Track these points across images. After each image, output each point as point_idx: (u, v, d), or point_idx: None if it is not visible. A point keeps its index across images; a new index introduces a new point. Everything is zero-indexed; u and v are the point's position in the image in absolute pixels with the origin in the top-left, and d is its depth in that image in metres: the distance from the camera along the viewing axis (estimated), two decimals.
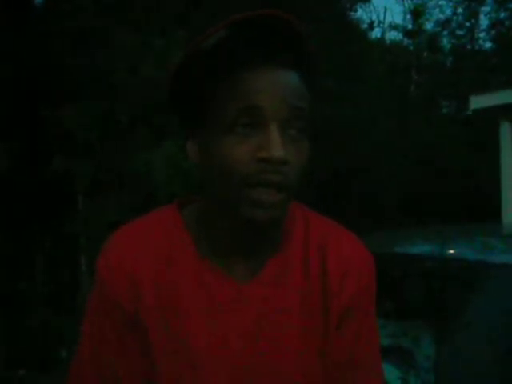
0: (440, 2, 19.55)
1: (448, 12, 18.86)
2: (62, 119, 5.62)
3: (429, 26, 18.52)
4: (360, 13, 24.66)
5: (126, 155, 5.78)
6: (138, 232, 1.03)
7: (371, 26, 15.79)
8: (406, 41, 17.98)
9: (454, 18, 18.56)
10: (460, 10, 18.60)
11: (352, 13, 13.13)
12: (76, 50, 5.86)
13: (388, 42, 18.28)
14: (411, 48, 17.66)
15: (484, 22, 19.51)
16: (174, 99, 1.00)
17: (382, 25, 18.34)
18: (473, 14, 18.59)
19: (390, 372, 1.72)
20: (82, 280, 6.10)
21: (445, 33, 18.39)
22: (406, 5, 18.35)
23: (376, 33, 21.17)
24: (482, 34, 18.68)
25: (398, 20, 24.73)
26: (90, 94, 5.79)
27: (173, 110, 1.02)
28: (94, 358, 1.01)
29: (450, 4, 18.65)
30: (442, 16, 18.63)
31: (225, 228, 0.98)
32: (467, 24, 18.64)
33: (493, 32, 18.09)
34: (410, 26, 18.06)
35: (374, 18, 26.03)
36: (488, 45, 18.92)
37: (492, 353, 1.77)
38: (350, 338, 1.03)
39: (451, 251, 2.35)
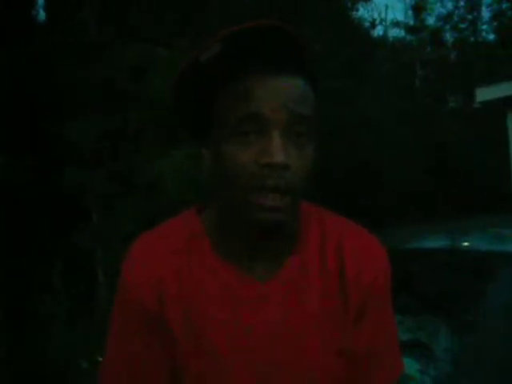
0: None
1: (449, 6, 18.80)
2: (72, 133, 5.66)
3: (431, 20, 18.49)
4: (361, 12, 24.66)
5: (136, 166, 5.81)
6: (161, 236, 1.06)
7: (373, 25, 15.76)
8: (409, 37, 17.94)
9: (456, 11, 18.52)
10: (461, 3, 18.56)
11: (353, 12, 13.11)
12: (80, 63, 5.91)
13: (391, 39, 18.24)
14: (414, 44, 17.61)
15: (486, 13, 19.50)
16: (181, 111, 1.04)
17: (383, 23, 18.31)
18: (474, 7, 18.54)
19: (410, 365, 1.73)
20: (99, 293, 6.13)
21: (447, 27, 18.34)
22: (408, 1, 18.30)
23: (378, 31, 21.16)
24: (484, 26, 18.63)
25: (400, 17, 24.67)
26: (96, 106, 5.84)
27: (181, 120, 1.05)
28: (122, 361, 1.04)
29: None
30: (443, 10, 18.60)
31: (238, 231, 1.01)
32: (469, 17, 18.58)
33: (495, 23, 18.02)
34: (412, 23, 18.03)
35: (376, 16, 26.01)
36: (491, 36, 18.85)
37: (509, 343, 1.78)
38: (368, 332, 1.06)
39: (465, 243, 2.36)
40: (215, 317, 1.01)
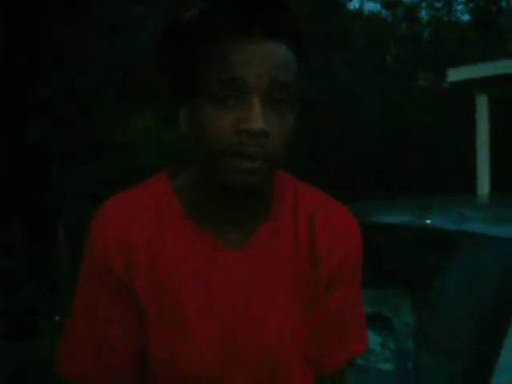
0: None
1: None
2: (38, 89, 5.54)
3: None
4: None
5: (102, 126, 5.73)
6: (131, 199, 1.04)
7: None
8: (384, 12, 17.94)
9: None
10: None
11: None
12: (56, 19, 5.76)
13: (366, 13, 18.21)
14: (389, 20, 17.63)
15: None
16: (163, 68, 1.01)
17: None
18: None
19: (371, 338, 1.75)
20: (60, 252, 6.07)
21: (423, 5, 18.38)
22: None
23: (354, 3, 21.06)
24: (459, 7, 18.72)
25: None
26: (67, 63, 5.71)
27: (163, 78, 1.02)
28: (87, 325, 1.02)
29: None
30: None
31: (212, 196, 0.99)
32: None
33: (470, 5, 18.12)
34: None
35: None
36: (465, 17, 18.98)
37: (468, 319, 1.81)
38: (337, 302, 1.06)
39: (428, 221, 2.38)
40: (185, 283, 1.00)
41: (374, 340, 1.80)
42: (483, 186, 7.61)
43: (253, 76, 0.90)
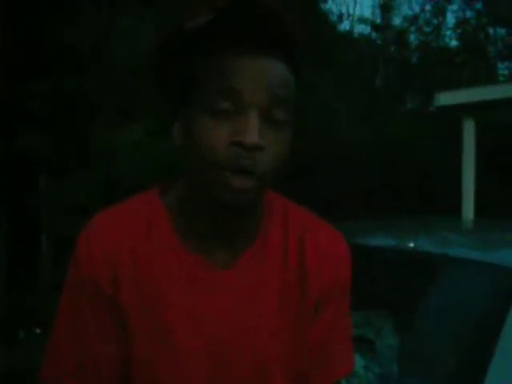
0: None
1: (416, 9, 19.03)
2: (26, 96, 5.50)
3: (397, 21, 18.68)
4: (330, 4, 24.72)
5: (90, 136, 5.70)
6: (121, 214, 1.03)
7: (341, 18, 15.85)
8: (374, 35, 18.11)
9: (422, 14, 18.76)
10: (428, 8, 18.81)
11: (322, 4, 13.16)
12: (45, 23, 5.74)
13: (356, 35, 18.36)
14: (379, 42, 17.79)
15: (451, 20, 19.78)
16: (160, 78, 1.00)
17: (351, 17, 18.41)
18: (440, 12, 18.82)
19: (355, 361, 1.75)
20: (42, 259, 6.01)
21: (412, 29, 18.57)
22: None
23: (345, 25, 21.24)
24: (448, 32, 18.93)
25: (367, 14, 24.86)
26: (55, 69, 5.68)
27: (159, 88, 1.02)
28: (70, 338, 1.01)
29: (419, 1, 18.85)
30: (410, 12, 18.81)
31: (203, 212, 0.99)
32: (434, 21, 18.86)
33: (459, 30, 18.34)
34: (378, 21, 18.19)
35: (344, 10, 26.10)
36: (454, 43, 19.19)
37: (451, 342, 1.81)
38: (325, 325, 1.06)
39: (412, 244, 2.39)
40: (172, 301, 0.99)
41: (358, 363, 1.80)
42: (468, 209, 7.65)
43: (251, 89, 0.90)
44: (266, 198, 1.03)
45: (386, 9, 17.88)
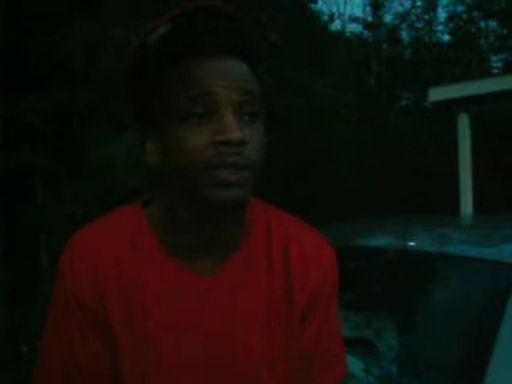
0: None
1: (407, 5, 19.05)
2: (20, 110, 5.50)
3: (388, 18, 18.70)
4: (320, 5, 24.77)
5: (85, 147, 5.69)
6: (102, 230, 1.02)
7: (332, 19, 15.87)
8: (366, 33, 18.12)
9: (413, 10, 18.78)
10: (419, 3, 18.84)
11: (312, 4, 13.16)
12: (36, 35, 5.73)
13: (348, 34, 18.39)
14: (371, 40, 17.80)
15: (442, 15, 19.84)
16: (132, 96, 1.01)
17: (342, 17, 18.44)
18: (431, 7, 18.85)
19: (354, 364, 1.74)
20: (42, 274, 6.00)
21: (404, 25, 18.59)
22: None
23: (336, 25, 21.31)
24: (440, 27, 18.96)
25: (358, 12, 24.91)
26: (49, 83, 5.68)
27: (131, 108, 1.02)
28: (59, 355, 1.00)
29: None
30: (401, 8, 18.84)
31: (187, 222, 0.98)
32: (426, 17, 18.89)
33: (450, 25, 18.36)
34: (369, 19, 18.20)
35: (335, 10, 26.11)
36: (446, 37, 19.21)
37: (452, 343, 1.80)
38: (314, 331, 1.05)
39: (412, 243, 2.38)
40: (156, 312, 0.98)
41: (357, 365, 1.79)
42: (466, 204, 7.65)
43: (223, 89, 0.92)
44: (249, 205, 1.03)
45: (376, 6, 17.91)
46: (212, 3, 0.92)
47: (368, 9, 18.44)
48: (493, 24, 18.24)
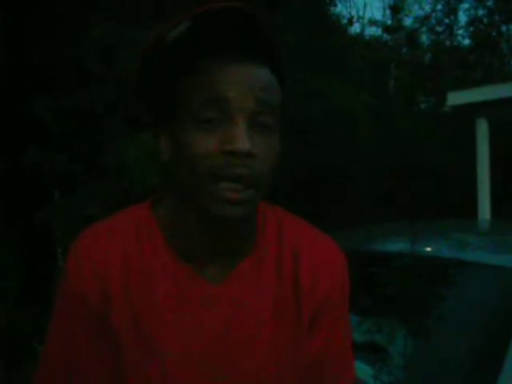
0: None
1: (427, 8, 18.94)
2: (36, 110, 5.53)
3: (408, 21, 18.62)
4: (340, 8, 24.74)
5: (102, 147, 5.71)
6: (109, 230, 1.01)
7: (351, 22, 15.80)
8: (386, 36, 18.03)
9: (433, 14, 18.66)
10: (439, 7, 18.72)
11: (332, 8, 13.12)
12: (50, 38, 5.76)
13: (367, 37, 18.31)
14: (390, 44, 17.71)
15: (463, 18, 19.74)
16: (144, 94, 0.99)
17: (361, 20, 18.38)
18: (452, 11, 18.71)
19: (363, 370, 1.72)
20: (58, 273, 6.02)
21: (424, 29, 18.48)
22: (386, 0, 18.37)
23: (355, 28, 21.24)
24: (460, 31, 18.81)
25: (378, 16, 24.83)
26: (63, 83, 5.71)
27: (144, 105, 1.01)
28: (61, 358, 1.00)
29: (430, 0, 18.76)
30: (421, 12, 18.72)
31: (195, 226, 0.96)
32: (446, 21, 18.76)
33: (471, 29, 18.21)
34: (389, 22, 18.12)
35: (354, 13, 26.04)
36: (466, 41, 19.06)
37: (465, 350, 1.78)
38: (322, 340, 1.03)
39: (427, 248, 2.35)
40: (162, 316, 0.97)
41: (366, 372, 1.77)
42: (484, 210, 7.57)
43: (238, 96, 0.88)
44: (259, 210, 1.01)
45: (396, 10, 17.81)
46: (233, 4, 0.88)
47: (388, 12, 18.38)
48: None
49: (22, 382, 4.13)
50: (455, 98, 7.84)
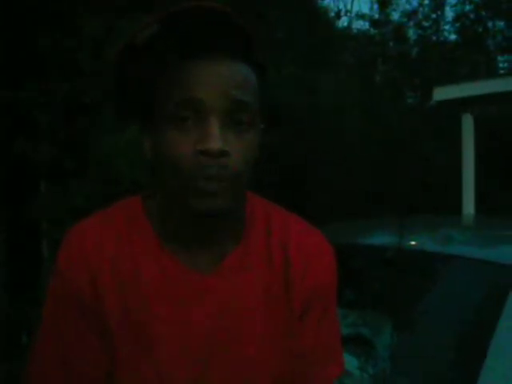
0: None
1: (414, 3, 18.99)
2: (22, 100, 5.49)
3: (395, 16, 18.63)
4: (328, 1, 24.71)
5: (89, 140, 5.69)
6: (100, 224, 1.02)
7: (338, 15, 15.80)
8: (373, 30, 18.04)
9: (420, 9, 18.70)
10: (426, 2, 18.76)
11: (319, 1, 13.12)
12: (38, 28, 5.72)
13: (355, 31, 18.31)
14: (377, 38, 17.73)
15: (449, 14, 19.84)
16: (122, 96, 1.00)
17: (349, 14, 18.35)
18: (438, 6, 18.76)
19: (349, 362, 1.74)
20: (43, 266, 6.00)
21: (411, 24, 18.52)
22: None
23: (343, 22, 21.24)
24: (447, 26, 18.88)
25: (365, 9, 24.81)
26: (52, 74, 5.67)
27: (124, 104, 1.02)
28: (55, 351, 1.00)
29: None
30: (408, 7, 18.76)
31: (180, 219, 0.98)
32: (433, 16, 18.81)
33: (457, 24, 18.28)
34: (376, 16, 18.13)
35: (342, 6, 26.04)
36: (453, 37, 19.12)
37: (450, 343, 1.81)
38: (311, 330, 1.05)
39: (412, 242, 2.38)
40: (154, 309, 0.98)
41: (352, 363, 1.79)
42: (468, 205, 7.63)
43: (210, 96, 0.90)
44: (247, 202, 1.03)
45: (383, 4, 17.83)
46: (205, 3, 0.89)
47: (375, 6, 18.39)
48: (500, 24, 18.16)
49: (10, 376, 4.12)
50: (441, 93, 7.88)
